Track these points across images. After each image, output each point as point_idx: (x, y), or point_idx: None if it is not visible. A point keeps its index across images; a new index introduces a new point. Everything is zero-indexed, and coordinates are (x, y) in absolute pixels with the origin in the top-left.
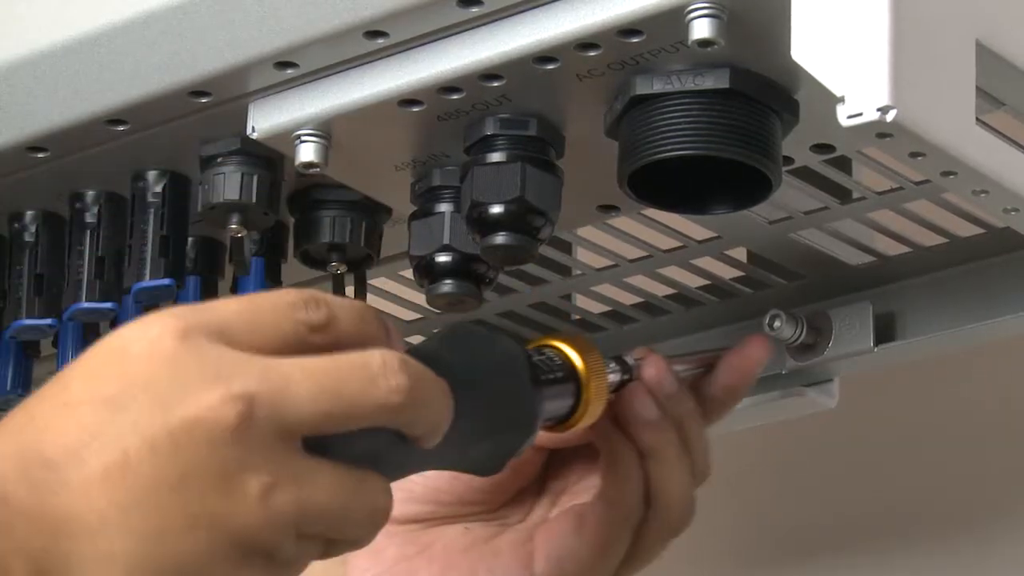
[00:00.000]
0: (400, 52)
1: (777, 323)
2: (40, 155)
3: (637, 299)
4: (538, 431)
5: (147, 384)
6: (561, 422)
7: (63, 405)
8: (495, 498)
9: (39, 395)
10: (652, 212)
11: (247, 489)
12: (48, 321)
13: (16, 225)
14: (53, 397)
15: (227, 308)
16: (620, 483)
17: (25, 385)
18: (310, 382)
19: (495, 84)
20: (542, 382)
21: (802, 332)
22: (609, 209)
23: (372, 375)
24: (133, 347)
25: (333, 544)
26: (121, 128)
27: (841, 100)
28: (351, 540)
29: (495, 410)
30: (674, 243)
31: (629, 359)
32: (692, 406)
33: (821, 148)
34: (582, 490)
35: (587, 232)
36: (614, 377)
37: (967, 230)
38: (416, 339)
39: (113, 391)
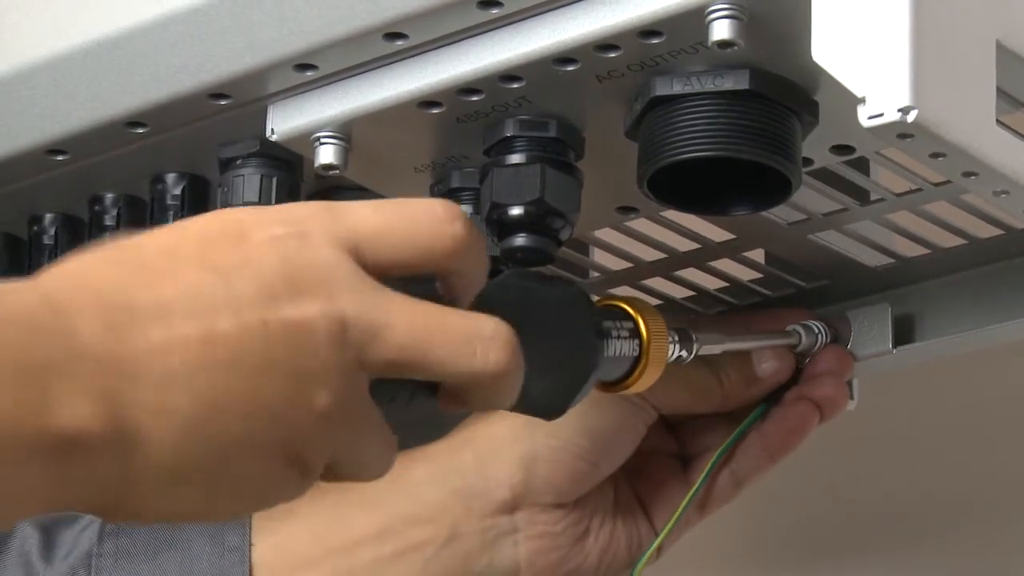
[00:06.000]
0: (420, 54)
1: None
2: (59, 158)
3: (655, 301)
4: (595, 378)
5: (261, 272)
6: (616, 383)
7: (171, 255)
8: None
9: (152, 233)
10: (669, 214)
11: (312, 402)
12: None
13: (35, 228)
14: (164, 245)
15: (360, 214)
16: None
17: None
18: (407, 327)
19: (515, 85)
20: (605, 335)
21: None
22: (628, 211)
23: (475, 343)
24: (255, 234)
25: (331, 476)
26: (140, 131)
27: (862, 101)
28: (344, 478)
29: (554, 347)
30: (692, 245)
31: (693, 335)
32: None
33: (841, 149)
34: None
35: (604, 234)
36: (674, 348)
37: (986, 231)
38: None
39: (226, 264)
